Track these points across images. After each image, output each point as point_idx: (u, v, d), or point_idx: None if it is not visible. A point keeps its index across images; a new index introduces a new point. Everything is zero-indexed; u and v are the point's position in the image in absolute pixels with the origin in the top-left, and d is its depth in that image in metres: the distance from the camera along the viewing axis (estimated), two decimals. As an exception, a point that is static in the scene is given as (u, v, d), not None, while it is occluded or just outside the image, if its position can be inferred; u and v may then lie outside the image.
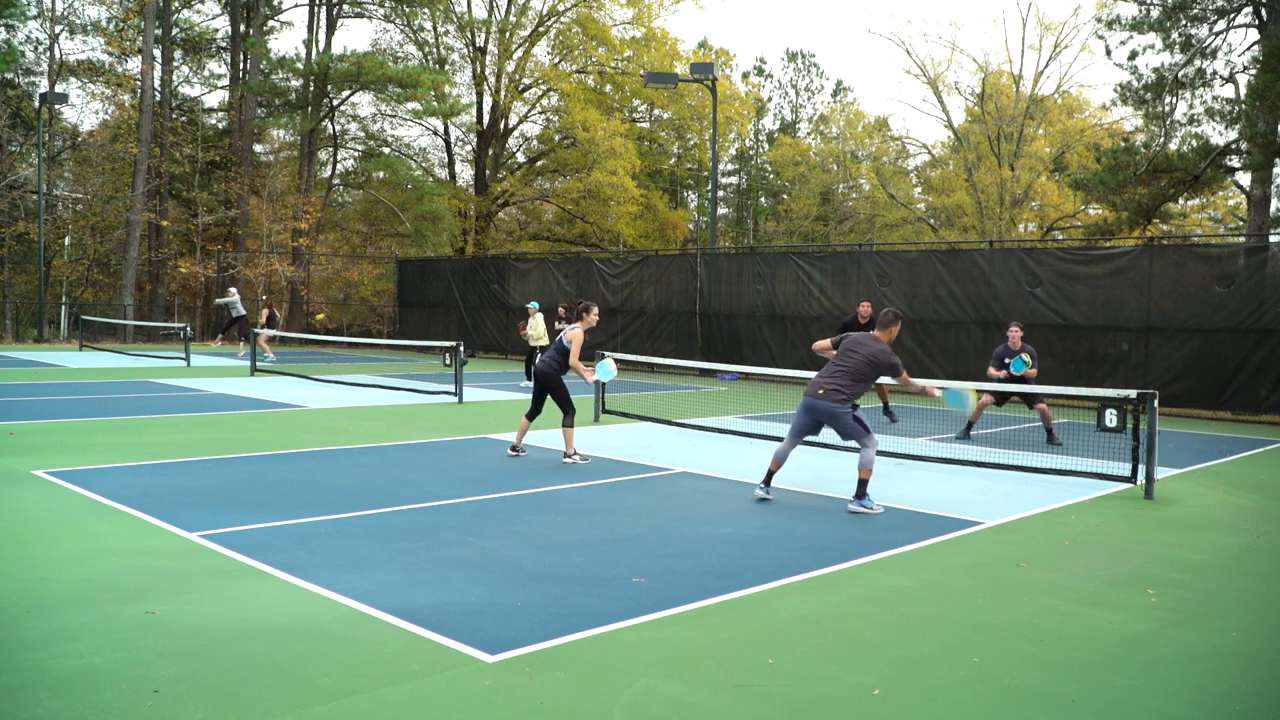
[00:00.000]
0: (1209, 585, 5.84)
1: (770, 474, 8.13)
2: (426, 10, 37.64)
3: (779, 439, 11.62)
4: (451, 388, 15.91)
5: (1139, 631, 4.94)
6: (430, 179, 40.55)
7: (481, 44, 39.43)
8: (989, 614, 5.15)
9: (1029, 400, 11.93)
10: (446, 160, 42.97)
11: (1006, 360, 12.07)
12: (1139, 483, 8.67)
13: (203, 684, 3.96)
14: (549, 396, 9.96)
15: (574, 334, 9.70)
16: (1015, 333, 12.16)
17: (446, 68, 39.64)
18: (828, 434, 12.10)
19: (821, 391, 7.93)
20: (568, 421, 9.82)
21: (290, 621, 4.75)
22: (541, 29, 39.44)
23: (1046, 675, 4.28)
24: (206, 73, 40.38)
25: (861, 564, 6.10)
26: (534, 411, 10.17)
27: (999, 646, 4.65)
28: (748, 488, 8.61)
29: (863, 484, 7.65)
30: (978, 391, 10.53)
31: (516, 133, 43.44)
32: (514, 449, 10.17)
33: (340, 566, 5.70)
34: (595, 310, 9.92)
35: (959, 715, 3.85)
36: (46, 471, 8.46)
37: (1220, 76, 22.26)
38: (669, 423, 13.02)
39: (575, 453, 9.83)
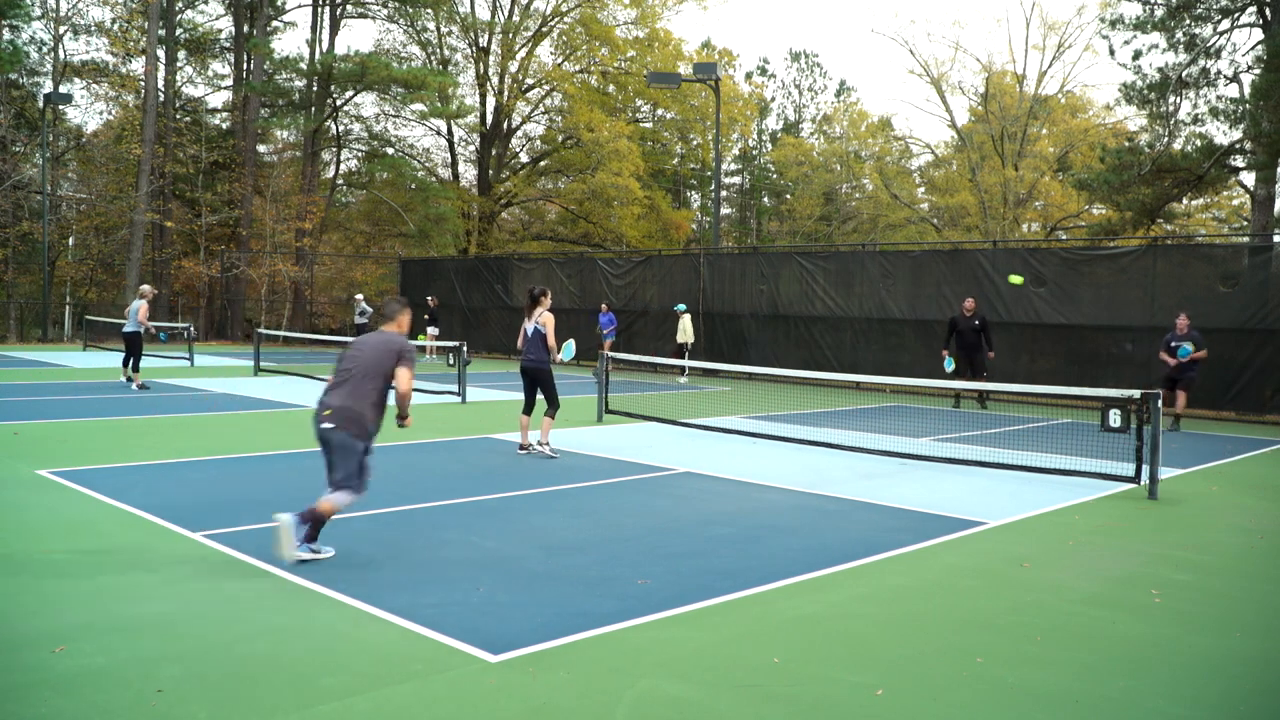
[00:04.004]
0: (1212, 585, 5.83)
1: None
2: (430, 11, 37.66)
3: (782, 439, 11.65)
4: (454, 387, 15.92)
5: (1142, 632, 4.93)
6: (434, 179, 40.58)
7: (485, 44, 39.46)
8: (992, 614, 5.14)
9: (1176, 384, 13.57)
10: (450, 160, 43.02)
11: (1174, 345, 13.58)
12: (1143, 483, 8.66)
13: (206, 684, 3.97)
14: (539, 390, 10.26)
15: (547, 318, 10.12)
16: (1183, 321, 13.60)
17: (450, 68, 39.67)
18: (828, 434, 12.09)
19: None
20: (551, 413, 10.21)
21: (293, 621, 4.76)
22: (545, 29, 39.47)
23: (1049, 675, 4.28)
24: (210, 73, 40.48)
25: (864, 564, 6.10)
26: (528, 407, 10.44)
27: (1002, 646, 4.65)
28: (751, 488, 8.61)
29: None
30: None
31: (520, 133, 43.52)
32: (522, 447, 10.31)
33: (343, 566, 5.70)
34: (549, 294, 10.36)
35: (962, 715, 3.85)
36: (50, 471, 8.47)
37: (1224, 76, 22.23)
38: (672, 422, 13.02)
39: (547, 444, 10.10)
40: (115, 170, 35.36)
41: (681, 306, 21.75)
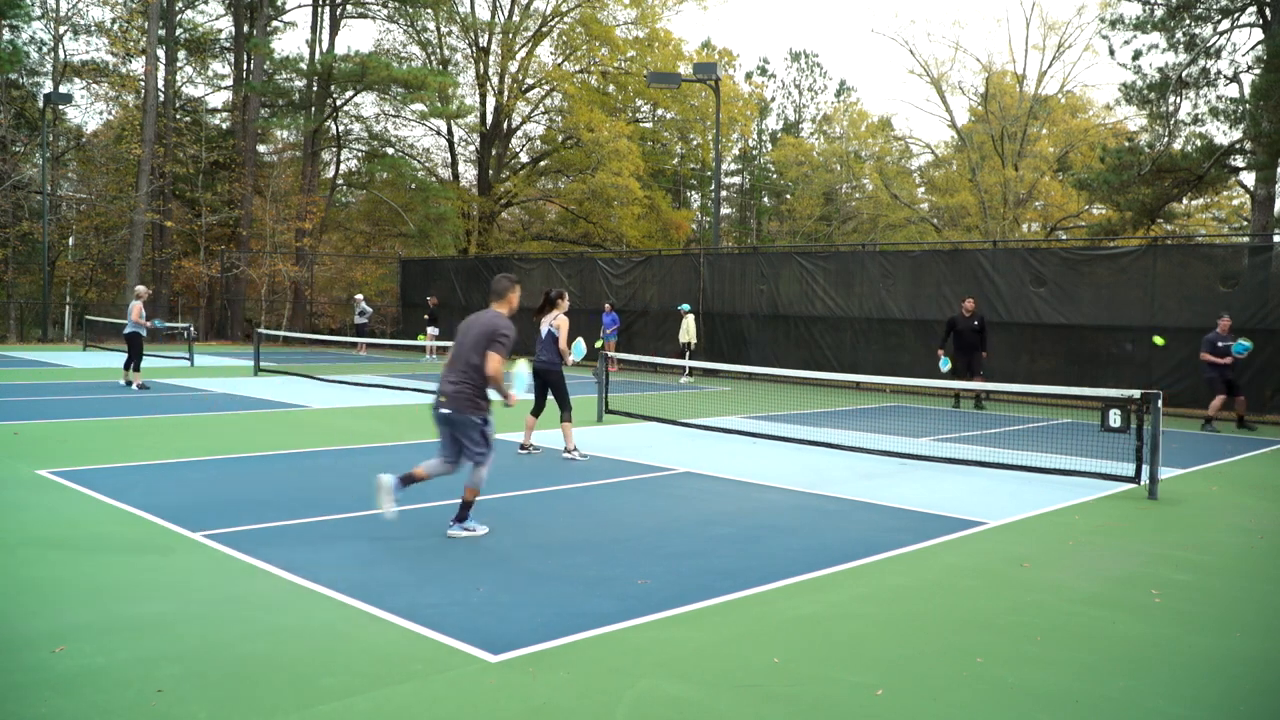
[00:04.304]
0: (1212, 585, 5.83)
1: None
2: (430, 11, 37.67)
3: (782, 439, 11.65)
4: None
5: (1142, 632, 4.93)
6: (434, 179, 40.59)
7: (485, 44, 39.46)
8: (992, 614, 5.14)
9: (1232, 385, 13.79)
10: (450, 160, 43.03)
11: (1222, 344, 13.63)
12: (1143, 483, 8.66)
13: (206, 683, 3.97)
14: (550, 391, 10.10)
15: (561, 321, 9.95)
16: (1226, 322, 13.83)
17: (450, 68, 39.67)
18: (828, 434, 12.10)
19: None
20: (566, 417, 9.99)
21: (293, 621, 4.76)
22: (545, 29, 39.47)
23: (1049, 675, 4.28)
24: (210, 73, 40.48)
25: (864, 564, 6.10)
26: (538, 408, 10.34)
27: (1002, 646, 4.65)
28: (751, 488, 8.61)
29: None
30: None
31: (520, 133, 43.53)
32: (523, 447, 10.30)
33: (343, 566, 5.71)
34: (567, 296, 10.12)
35: (962, 715, 3.85)
36: (50, 471, 8.47)
37: (1224, 76, 22.24)
38: (672, 423, 13.02)
39: (575, 449, 9.94)
40: (115, 170, 35.36)
41: (685, 307, 21.79)
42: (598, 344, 10.56)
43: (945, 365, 15.68)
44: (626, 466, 9.60)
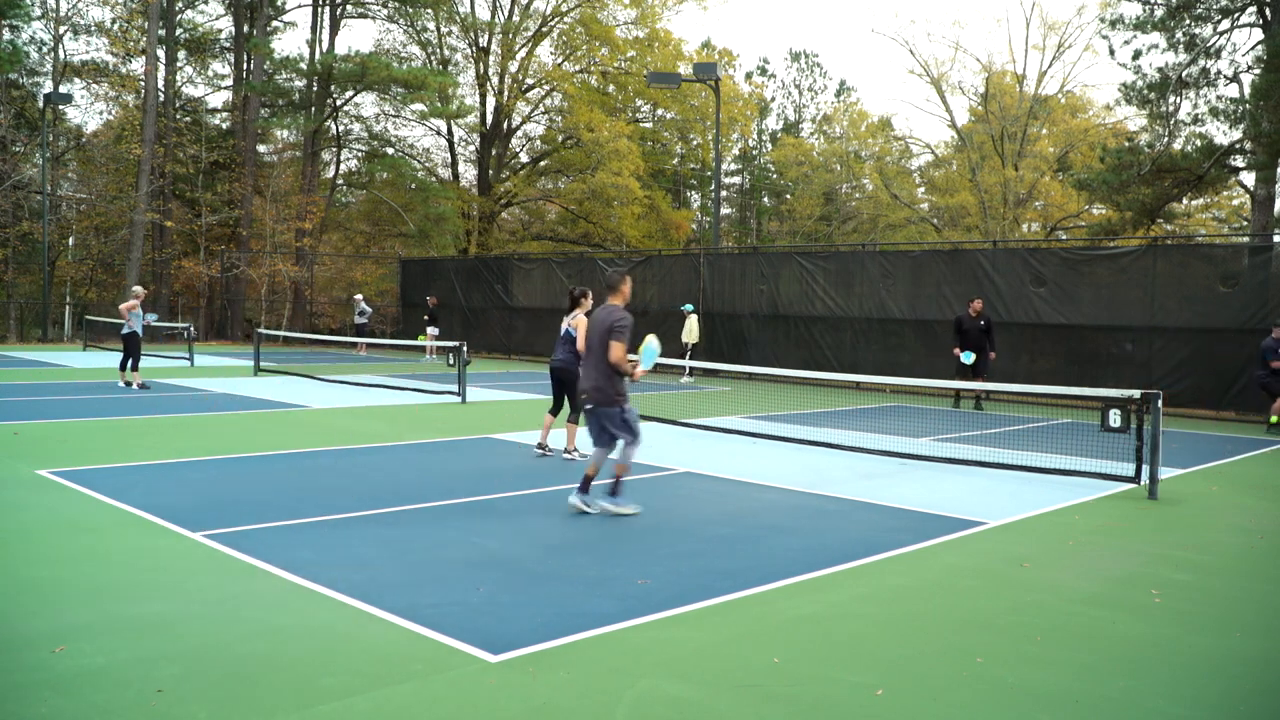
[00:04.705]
0: (1212, 585, 5.83)
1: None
2: (430, 11, 37.67)
3: (782, 439, 11.65)
4: (454, 388, 15.92)
5: (1142, 632, 4.93)
6: (434, 179, 40.59)
7: (485, 44, 39.46)
8: (992, 614, 5.14)
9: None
10: (450, 160, 43.03)
11: None
12: (1143, 483, 8.66)
13: (206, 683, 3.97)
14: (566, 392, 10.00)
15: (579, 321, 9.70)
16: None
17: (450, 68, 39.68)
18: (828, 434, 12.10)
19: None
20: (574, 419, 9.92)
21: (293, 621, 4.76)
22: (545, 29, 39.48)
23: (1049, 675, 4.28)
24: (210, 73, 40.48)
25: (864, 564, 6.10)
26: (556, 407, 10.20)
27: (1002, 646, 4.65)
28: (751, 488, 8.61)
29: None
30: None
31: (520, 133, 43.54)
32: (540, 446, 10.19)
33: (343, 566, 5.71)
34: (590, 295, 9.92)
35: (962, 715, 3.85)
36: (50, 471, 8.47)
37: (1224, 76, 22.24)
38: (672, 422, 13.02)
39: (575, 449, 9.93)
40: (115, 170, 35.37)
41: (689, 307, 21.79)
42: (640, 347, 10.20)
43: (969, 358, 15.49)
44: (626, 466, 9.59)
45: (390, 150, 40.51)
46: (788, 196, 52.15)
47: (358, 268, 38.55)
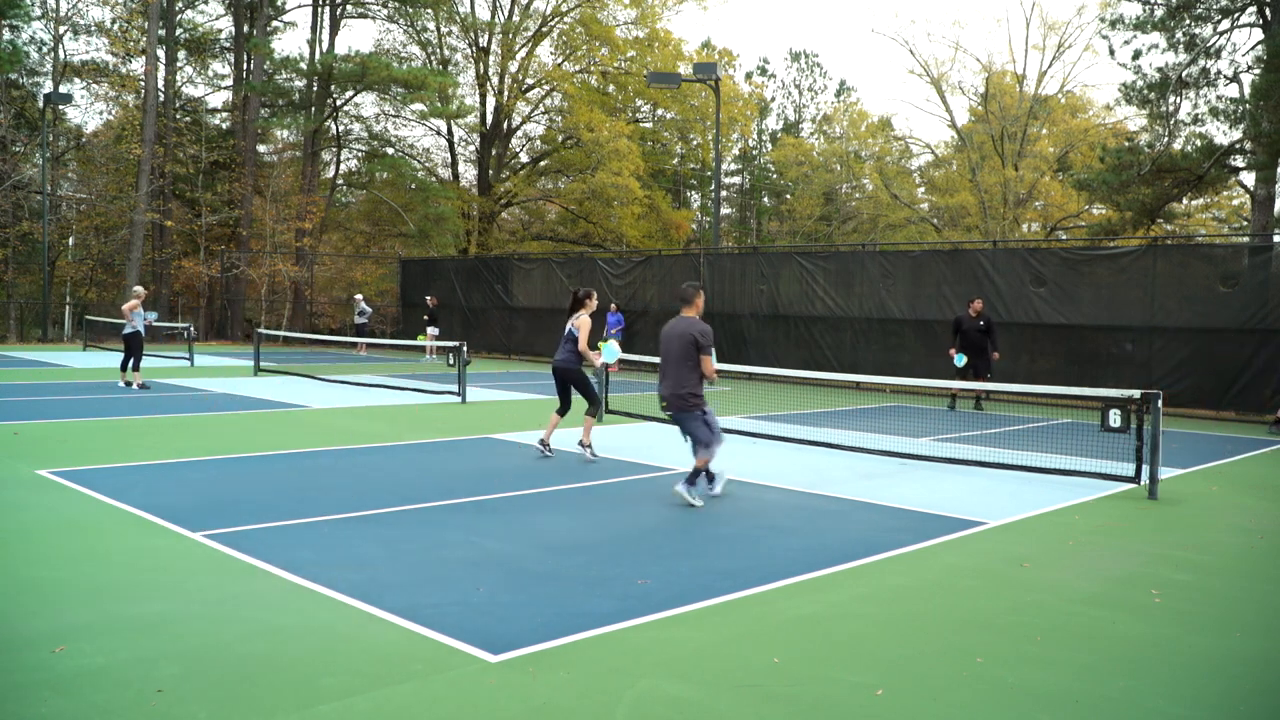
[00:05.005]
0: (1212, 585, 5.83)
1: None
2: (430, 11, 37.67)
3: (782, 439, 11.64)
4: (454, 388, 15.92)
5: (1142, 632, 4.93)
6: (434, 179, 40.60)
7: (485, 44, 39.46)
8: (992, 614, 5.14)
9: None
10: (450, 160, 43.03)
11: None
12: (1143, 483, 8.66)
13: (206, 684, 3.97)
14: (573, 389, 10.00)
15: (582, 322, 9.78)
16: None
17: (450, 68, 39.68)
18: (828, 434, 12.10)
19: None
20: (591, 412, 9.98)
21: (293, 621, 4.76)
22: (545, 29, 39.48)
23: (1049, 675, 4.28)
24: (210, 73, 40.48)
25: (864, 564, 6.10)
26: (564, 407, 10.16)
27: (1002, 646, 4.65)
28: (751, 488, 8.61)
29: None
30: None
31: (520, 133, 43.54)
32: (543, 443, 10.13)
33: (343, 566, 5.71)
34: (595, 296, 10.03)
35: (962, 715, 3.85)
36: (50, 471, 8.48)
37: (1224, 76, 22.24)
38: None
39: (589, 445, 9.88)
40: (115, 170, 35.36)
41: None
42: (601, 344, 10.42)
43: (960, 360, 15.48)
44: (626, 466, 9.60)
45: (390, 150, 40.52)
46: (788, 196, 52.16)
47: (358, 268, 38.55)
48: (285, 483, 8.32)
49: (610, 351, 10.17)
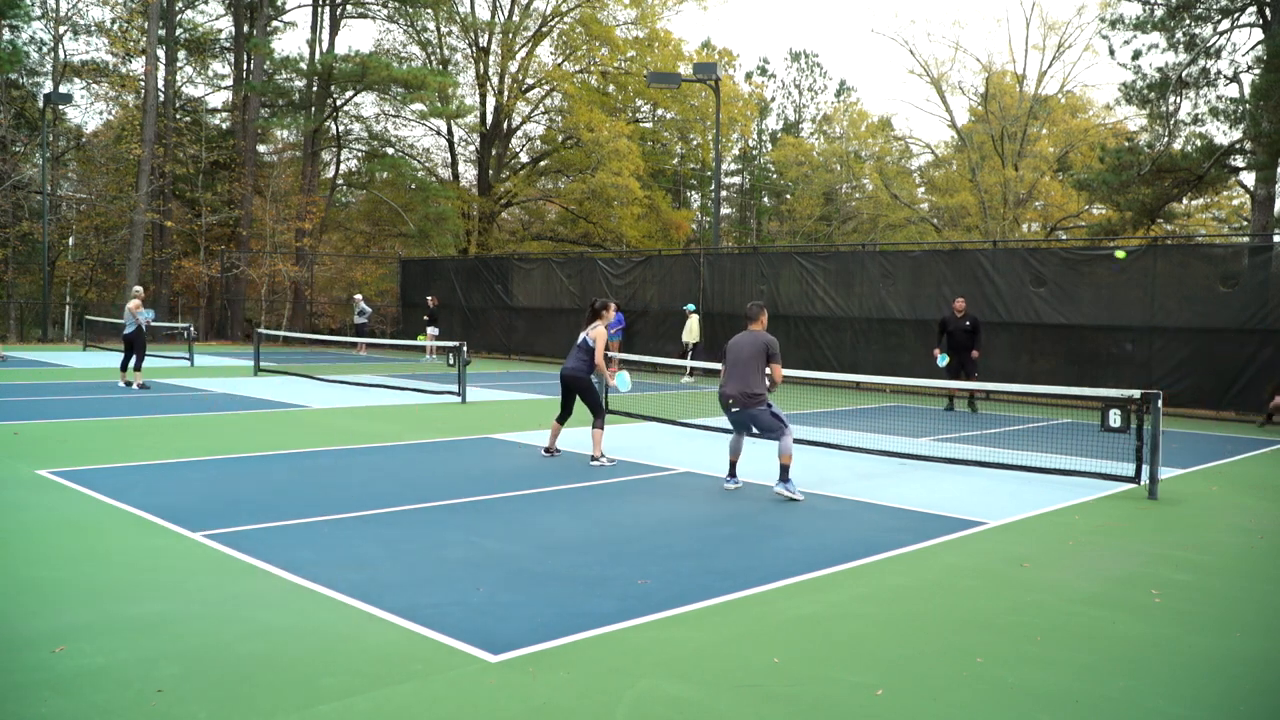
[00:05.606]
0: (1212, 585, 5.83)
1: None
2: (430, 11, 37.67)
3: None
4: (454, 388, 15.92)
5: (1142, 632, 4.93)
6: (434, 179, 40.59)
7: (485, 44, 39.46)
8: (992, 614, 5.14)
9: None
10: (450, 160, 43.03)
11: None
12: (1143, 483, 8.66)
13: (206, 684, 3.97)
14: (578, 398, 9.96)
15: (598, 333, 9.77)
16: None
17: (450, 68, 39.67)
18: (828, 434, 12.11)
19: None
20: (598, 424, 9.83)
21: (293, 621, 4.76)
22: (545, 29, 39.48)
23: (1049, 675, 4.28)
24: (210, 73, 40.47)
25: (864, 564, 6.10)
26: (564, 414, 10.14)
27: (1002, 646, 4.65)
28: (751, 487, 8.61)
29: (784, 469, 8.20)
30: None
31: (520, 133, 43.53)
32: (547, 450, 10.15)
33: (343, 566, 5.71)
34: (613, 307, 10.14)
35: (962, 715, 3.85)
36: (50, 471, 8.47)
37: (1224, 76, 22.24)
38: (672, 422, 13.02)
39: (603, 455, 9.80)
40: (115, 170, 35.36)
41: (691, 306, 21.84)
42: (616, 373, 10.49)
43: (943, 361, 15.58)
44: (626, 466, 9.60)
45: (390, 150, 40.51)
46: (788, 196, 52.15)
47: (358, 268, 38.55)
48: (285, 483, 8.32)
49: (623, 381, 10.99)
